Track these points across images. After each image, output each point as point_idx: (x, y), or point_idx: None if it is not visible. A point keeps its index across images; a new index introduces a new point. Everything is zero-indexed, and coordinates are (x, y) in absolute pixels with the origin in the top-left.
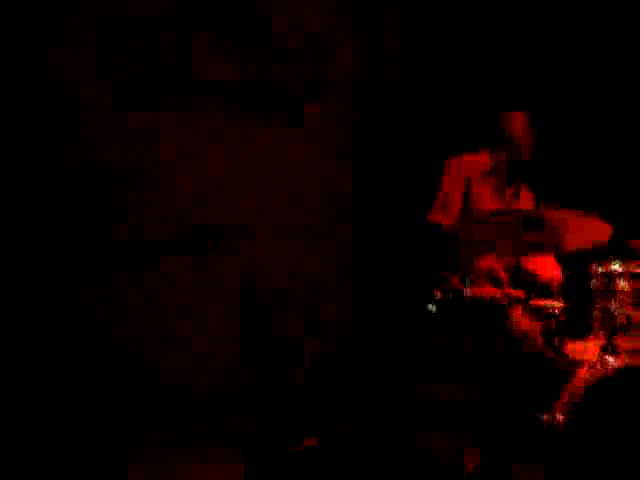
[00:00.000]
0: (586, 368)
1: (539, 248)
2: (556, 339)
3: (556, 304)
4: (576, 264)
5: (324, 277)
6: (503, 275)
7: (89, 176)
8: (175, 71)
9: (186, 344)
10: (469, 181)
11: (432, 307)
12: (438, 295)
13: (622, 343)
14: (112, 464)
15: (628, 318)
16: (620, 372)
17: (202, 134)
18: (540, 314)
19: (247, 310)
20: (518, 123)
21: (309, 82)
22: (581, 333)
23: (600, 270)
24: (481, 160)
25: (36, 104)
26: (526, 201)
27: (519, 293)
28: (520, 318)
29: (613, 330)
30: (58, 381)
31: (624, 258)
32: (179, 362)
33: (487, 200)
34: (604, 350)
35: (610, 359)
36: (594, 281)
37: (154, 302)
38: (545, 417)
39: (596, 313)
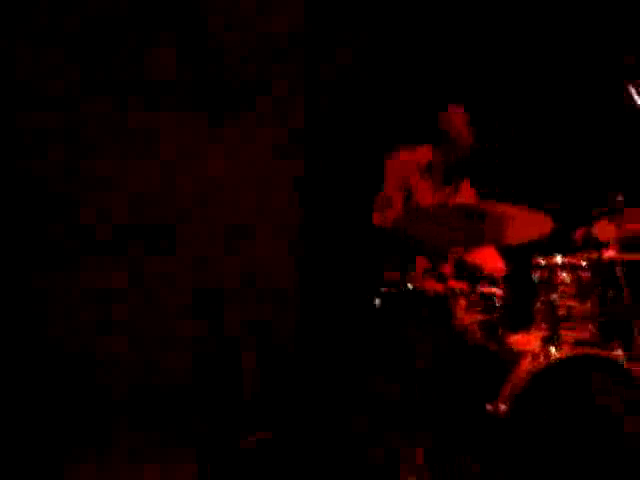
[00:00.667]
0: (529, 359)
1: (481, 241)
2: (499, 330)
3: (498, 295)
4: (519, 257)
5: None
6: (446, 268)
7: (89, 176)
8: (175, 71)
9: (186, 344)
10: (409, 177)
11: (377, 302)
12: (382, 290)
13: (564, 334)
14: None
15: (570, 309)
16: (562, 362)
17: (202, 134)
18: (483, 306)
19: (199, 311)
20: (458, 119)
21: (309, 82)
22: (524, 325)
23: (542, 262)
24: (420, 156)
25: (35, 104)
26: (467, 195)
27: (462, 286)
28: (463, 311)
29: (555, 321)
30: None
31: (566, 250)
32: (179, 362)
33: (428, 196)
34: (547, 341)
35: (552, 350)
36: (537, 273)
37: (153, 302)
38: (489, 407)
39: (539, 305)
